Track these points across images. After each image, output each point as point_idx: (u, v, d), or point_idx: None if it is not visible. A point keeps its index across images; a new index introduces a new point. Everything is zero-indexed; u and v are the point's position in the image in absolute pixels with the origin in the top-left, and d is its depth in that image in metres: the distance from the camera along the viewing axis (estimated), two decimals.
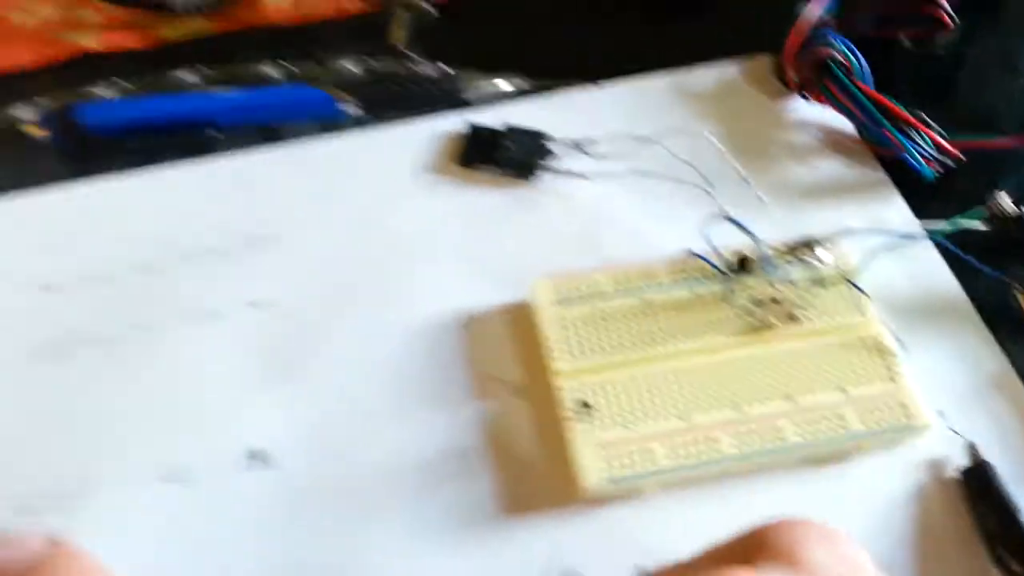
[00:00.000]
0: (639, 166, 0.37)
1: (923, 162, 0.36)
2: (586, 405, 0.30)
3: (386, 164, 0.39)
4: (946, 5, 0.40)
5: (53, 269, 0.36)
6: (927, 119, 0.36)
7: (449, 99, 0.41)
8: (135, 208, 0.38)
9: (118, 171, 0.39)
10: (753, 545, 0.20)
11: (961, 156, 0.36)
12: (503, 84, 0.41)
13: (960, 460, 0.30)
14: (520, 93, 0.41)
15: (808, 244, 0.33)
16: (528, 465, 0.31)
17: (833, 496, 0.30)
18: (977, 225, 0.34)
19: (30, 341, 0.34)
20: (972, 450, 0.30)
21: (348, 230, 0.37)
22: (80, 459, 0.31)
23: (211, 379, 0.33)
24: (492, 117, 0.39)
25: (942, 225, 0.34)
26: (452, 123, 0.39)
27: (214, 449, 0.31)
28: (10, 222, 0.37)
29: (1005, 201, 0.35)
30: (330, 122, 0.40)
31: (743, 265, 0.33)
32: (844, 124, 0.39)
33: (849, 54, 0.38)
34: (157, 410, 0.32)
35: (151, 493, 0.31)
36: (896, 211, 0.36)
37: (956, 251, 0.34)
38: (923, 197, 0.36)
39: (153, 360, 0.34)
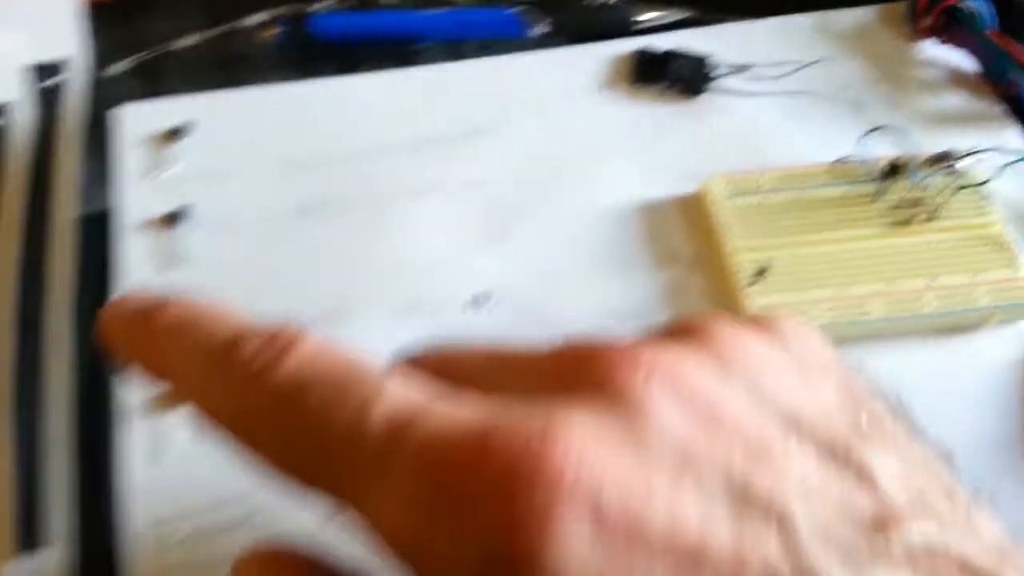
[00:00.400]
0: (792, 89, 0.44)
1: None
2: (760, 272, 0.37)
3: (570, 78, 0.45)
4: None
5: (290, 150, 0.42)
6: None
7: (622, 26, 0.47)
8: (357, 103, 0.44)
9: (340, 74, 0.45)
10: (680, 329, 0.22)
11: None
12: (669, 14, 0.47)
13: None
14: (684, 23, 0.47)
15: (944, 157, 0.39)
16: None
17: (958, 361, 0.36)
18: None
19: (275, 206, 0.40)
20: None
21: (539, 132, 0.43)
22: (328, 295, 0.37)
23: (435, 237, 0.39)
24: (660, 42, 0.45)
25: None
26: (625, 47, 0.46)
27: (440, 291, 0.38)
28: (249, 110, 0.43)
29: None
30: (517, 41, 0.47)
31: (892, 170, 0.39)
32: (968, 64, 0.45)
33: (976, 2, 0.44)
34: (391, 260, 0.39)
35: (390, 323, 0.37)
36: (1014, 136, 0.42)
37: None
38: None
39: (383, 222, 0.40)
